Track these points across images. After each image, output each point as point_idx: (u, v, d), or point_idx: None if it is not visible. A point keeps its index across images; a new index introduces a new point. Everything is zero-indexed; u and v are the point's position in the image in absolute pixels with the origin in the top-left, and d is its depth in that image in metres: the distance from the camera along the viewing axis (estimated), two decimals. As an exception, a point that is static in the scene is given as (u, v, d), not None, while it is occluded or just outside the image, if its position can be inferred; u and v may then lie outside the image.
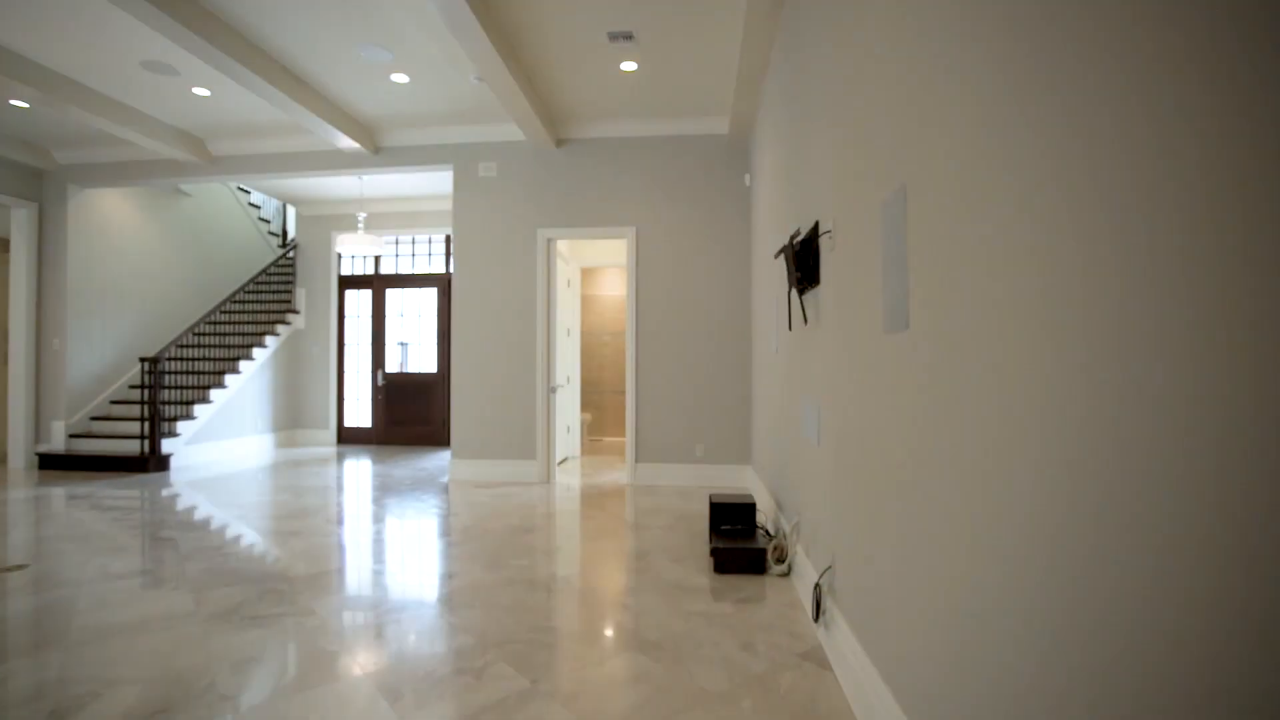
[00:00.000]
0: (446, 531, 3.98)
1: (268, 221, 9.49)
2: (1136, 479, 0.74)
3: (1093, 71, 0.83)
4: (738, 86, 4.47)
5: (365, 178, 7.24)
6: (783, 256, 3.28)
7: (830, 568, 2.35)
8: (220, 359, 7.50)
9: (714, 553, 3.23)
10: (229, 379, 7.28)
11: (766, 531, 3.62)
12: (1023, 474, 1.00)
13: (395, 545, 3.67)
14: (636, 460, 5.63)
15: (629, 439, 5.63)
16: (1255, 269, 0.59)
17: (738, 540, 3.37)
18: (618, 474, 6.16)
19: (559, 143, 5.74)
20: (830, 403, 2.43)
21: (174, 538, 3.78)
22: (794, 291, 2.99)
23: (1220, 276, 0.63)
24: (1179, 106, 0.68)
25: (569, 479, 5.90)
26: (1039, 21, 0.95)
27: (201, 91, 5.10)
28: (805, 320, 2.64)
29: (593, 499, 5.00)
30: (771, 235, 4.06)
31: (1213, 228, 0.64)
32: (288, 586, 2.95)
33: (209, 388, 7.02)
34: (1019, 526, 1.01)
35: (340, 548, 3.60)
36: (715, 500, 3.64)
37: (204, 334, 7.81)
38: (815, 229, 2.64)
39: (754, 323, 5.30)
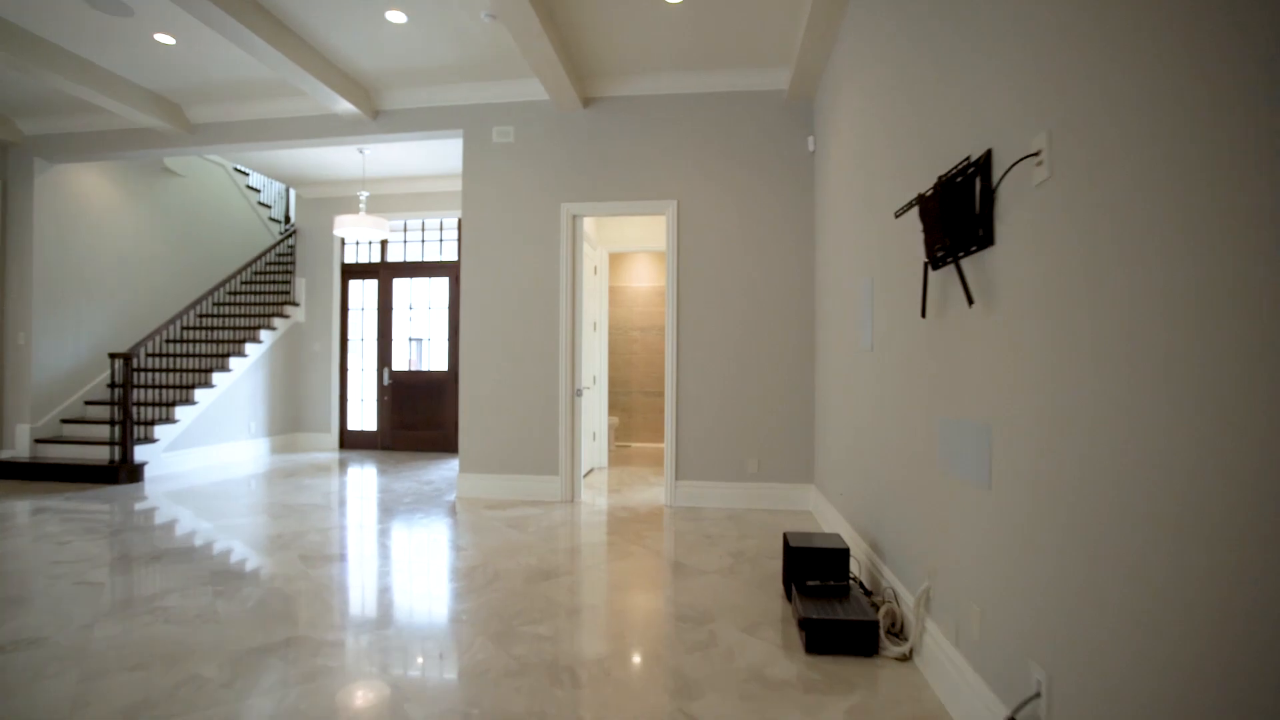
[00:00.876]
0: (447, 575, 3.14)
1: (268, 206, 8.77)
2: None
3: None
4: (811, 13, 3.56)
5: (367, 152, 6.46)
6: (909, 215, 2.38)
7: (1038, 696, 1.46)
8: (208, 355, 6.77)
9: (804, 625, 2.34)
10: (217, 378, 6.53)
11: (862, 586, 2.73)
12: None
13: (378, 598, 2.84)
14: (676, 477, 4.76)
15: (668, 452, 4.76)
16: None
17: (833, 602, 2.48)
18: (653, 491, 5.29)
19: (587, 102, 4.88)
20: (1023, 428, 1.54)
21: (102, 581, 2.99)
22: (928, 264, 2.09)
23: None
24: None
25: (596, 497, 5.04)
26: None
27: (165, 39, 4.31)
28: (970, 301, 1.75)
29: (626, 526, 4.14)
30: (858, 203, 3.16)
31: None
32: (217, 671, 2.12)
33: (194, 387, 6.28)
34: None
35: (306, 602, 2.77)
36: (794, 544, 2.76)
37: (192, 328, 7.08)
38: (985, 162, 1.74)
39: (819, 314, 4.40)
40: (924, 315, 2.09)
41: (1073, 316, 1.35)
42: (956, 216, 1.86)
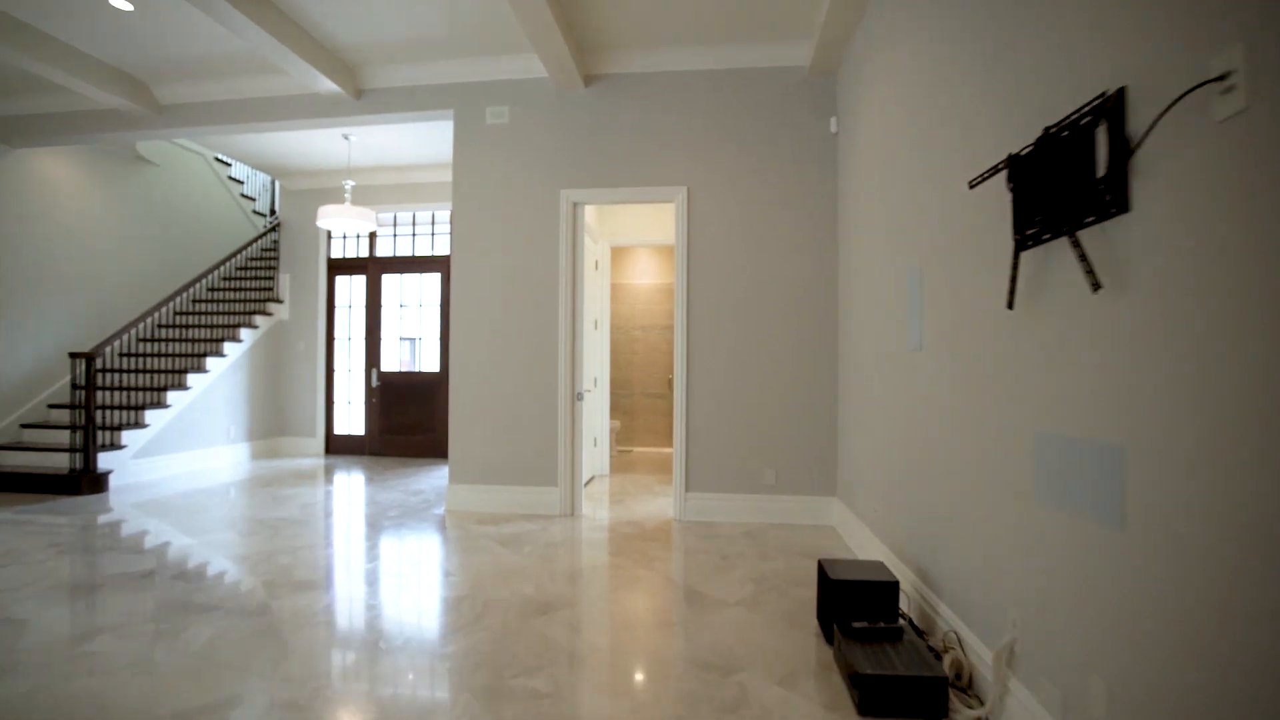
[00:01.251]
0: (429, 609, 2.74)
1: (253, 199, 8.36)
2: None
3: None
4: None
5: (353, 138, 6.05)
6: (990, 186, 1.97)
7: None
8: (184, 355, 6.34)
9: (856, 682, 1.94)
10: (193, 379, 6.11)
11: (913, 626, 2.33)
12: None
13: (347, 641, 2.43)
14: (686, 489, 4.35)
15: (677, 462, 4.36)
16: None
17: (884, 648, 2.08)
18: (659, 502, 4.88)
19: (589, 80, 4.48)
20: (1182, 453, 1.14)
21: (27, 617, 2.57)
22: (1020, 242, 1.69)
23: None
24: None
25: (598, 510, 4.64)
26: None
27: (121, 4, 3.90)
28: (1096, 286, 1.35)
29: (632, 544, 3.74)
30: (901, 181, 2.76)
31: None
32: (138, 745, 1.72)
33: (166, 390, 5.86)
34: None
35: (262, 646, 2.37)
36: (834, 575, 2.36)
37: (168, 326, 6.67)
38: (1115, 105, 1.34)
39: (843, 310, 4.00)
40: (1010, 306, 1.69)
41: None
42: (1069, 178, 1.46)
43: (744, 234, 4.34)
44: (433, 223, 7.32)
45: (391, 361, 7.31)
